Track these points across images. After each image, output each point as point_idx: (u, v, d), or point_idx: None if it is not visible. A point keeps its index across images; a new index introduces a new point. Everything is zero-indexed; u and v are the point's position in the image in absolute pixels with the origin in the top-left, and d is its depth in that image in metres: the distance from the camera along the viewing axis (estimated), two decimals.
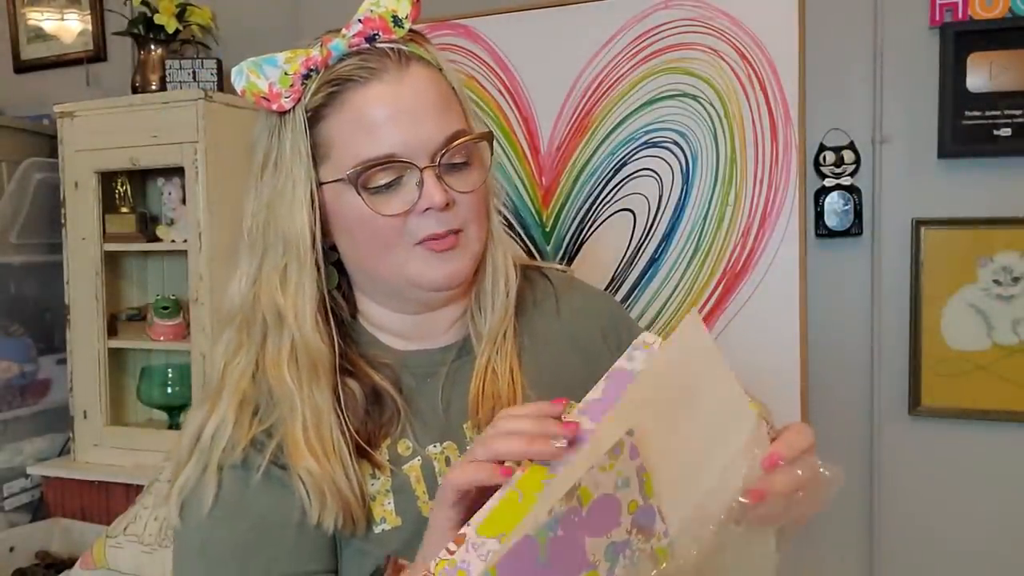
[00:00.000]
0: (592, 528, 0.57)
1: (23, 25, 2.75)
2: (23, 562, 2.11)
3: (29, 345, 2.50)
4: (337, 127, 0.73)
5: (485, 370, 0.78)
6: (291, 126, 0.73)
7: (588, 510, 0.57)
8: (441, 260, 0.74)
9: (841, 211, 1.80)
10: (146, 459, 2.18)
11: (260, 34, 2.46)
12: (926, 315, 1.76)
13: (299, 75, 0.72)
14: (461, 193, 0.74)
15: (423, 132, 0.72)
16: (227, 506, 0.72)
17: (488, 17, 2.09)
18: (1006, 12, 1.68)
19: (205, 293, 2.16)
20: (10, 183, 2.40)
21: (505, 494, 0.59)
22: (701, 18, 1.88)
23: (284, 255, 0.74)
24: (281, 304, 0.74)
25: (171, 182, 2.31)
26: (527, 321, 0.84)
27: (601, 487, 0.57)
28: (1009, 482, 1.74)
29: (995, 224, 1.71)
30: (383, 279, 0.77)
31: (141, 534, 1.60)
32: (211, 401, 0.76)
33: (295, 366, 0.73)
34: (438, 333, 0.82)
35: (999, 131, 1.70)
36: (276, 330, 0.75)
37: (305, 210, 0.73)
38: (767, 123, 1.83)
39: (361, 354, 0.78)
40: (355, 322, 0.81)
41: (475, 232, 0.76)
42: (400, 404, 0.76)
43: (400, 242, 0.73)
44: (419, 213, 0.72)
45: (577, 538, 0.57)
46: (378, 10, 0.74)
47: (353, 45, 0.74)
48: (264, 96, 0.73)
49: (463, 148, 0.74)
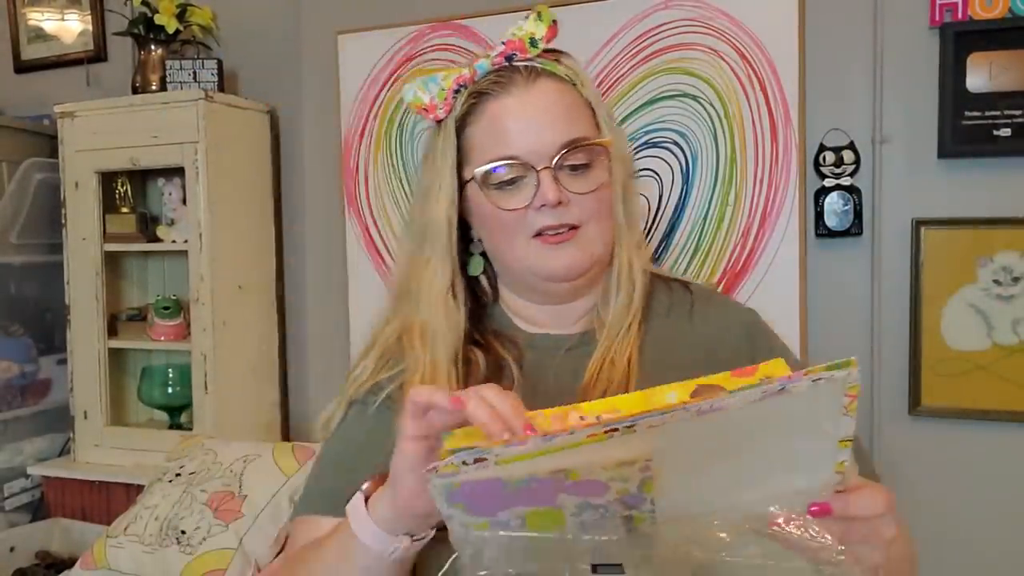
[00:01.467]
0: (571, 490, 0.58)
1: (23, 25, 2.76)
2: (23, 562, 2.12)
3: (29, 345, 2.50)
4: (476, 133, 0.85)
5: (602, 359, 0.85)
6: (443, 133, 0.87)
7: (574, 483, 0.57)
8: (555, 252, 0.83)
9: (841, 211, 1.80)
10: (146, 459, 2.18)
11: (260, 34, 2.47)
12: (926, 315, 1.76)
13: (451, 90, 0.86)
14: (577, 194, 0.83)
15: (543, 138, 0.82)
16: (343, 429, 0.90)
17: (488, 17, 2.09)
18: (1006, 12, 1.68)
19: (206, 293, 2.16)
20: (10, 183, 2.41)
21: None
22: (701, 18, 1.88)
23: (426, 242, 0.87)
24: (419, 283, 0.88)
25: (171, 182, 2.31)
26: (657, 324, 0.90)
27: (594, 475, 0.57)
28: (1009, 482, 1.74)
29: (995, 224, 1.71)
30: (512, 268, 0.88)
31: (142, 534, 1.60)
32: (364, 353, 0.92)
33: (425, 335, 0.86)
34: (567, 323, 0.90)
35: (999, 131, 1.70)
36: (415, 304, 0.88)
37: (445, 205, 0.86)
38: (767, 123, 1.83)
39: (494, 331, 0.90)
40: (495, 305, 0.93)
41: (594, 231, 0.84)
42: (517, 376, 0.86)
43: (521, 234, 0.84)
44: (535, 209, 0.82)
45: (552, 491, 0.58)
46: (520, 33, 0.87)
47: (495, 64, 0.86)
48: (425, 108, 0.87)
49: (583, 153, 0.83)
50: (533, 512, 0.60)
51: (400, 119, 2.22)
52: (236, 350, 2.26)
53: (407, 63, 2.20)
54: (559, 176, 0.82)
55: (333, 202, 2.32)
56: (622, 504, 0.60)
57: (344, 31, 2.26)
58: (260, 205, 2.36)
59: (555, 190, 0.81)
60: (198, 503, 1.60)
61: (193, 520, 1.57)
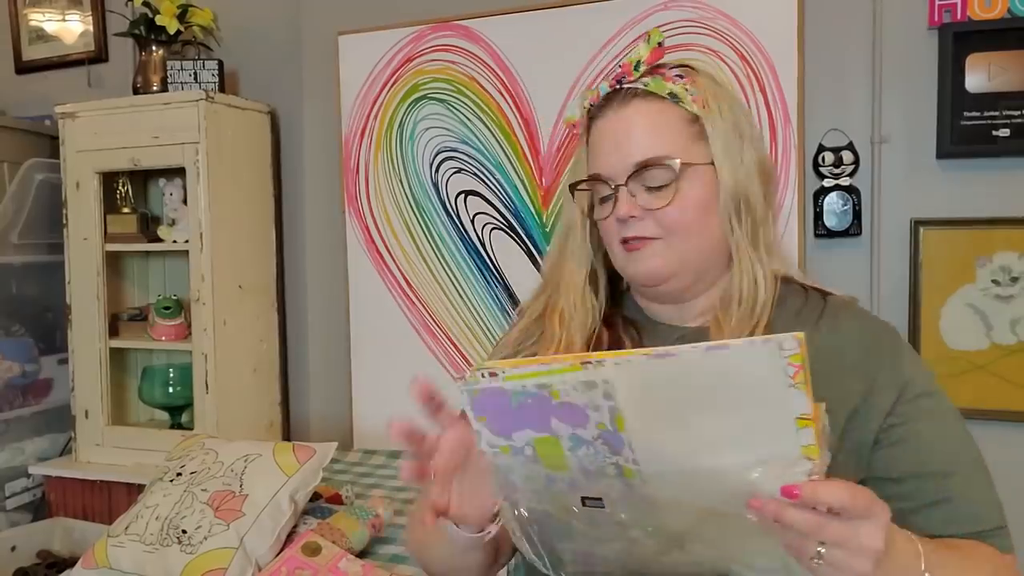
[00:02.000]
0: (559, 416, 0.67)
1: (25, 26, 2.76)
2: (25, 561, 2.12)
3: (31, 345, 2.50)
4: (588, 148, 0.97)
5: None
6: (581, 145, 0.98)
7: (558, 404, 0.66)
8: (633, 259, 0.92)
9: (840, 211, 1.80)
10: (147, 459, 2.19)
11: (261, 35, 2.47)
12: (925, 315, 1.77)
13: (586, 109, 0.97)
14: (653, 209, 0.90)
15: (623, 157, 0.91)
16: None
17: (488, 17, 2.10)
18: (1005, 12, 1.69)
19: (207, 293, 2.17)
20: (12, 184, 2.41)
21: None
22: (700, 19, 1.88)
23: (568, 238, 1.00)
24: (561, 273, 1.00)
25: (172, 183, 2.32)
26: (779, 326, 0.91)
27: (570, 396, 0.66)
28: (1008, 482, 1.74)
29: (994, 224, 1.72)
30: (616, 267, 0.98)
31: (143, 533, 1.60)
32: (513, 326, 1.05)
33: (564, 318, 0.97)
34: (687, 318, 0.97)
35: (998, 131, 1.70)
36: (556, 291, 1.00)
37: (579, 204, 0.98)
38: (766, 124, 1.84)
39: (624, 315, 1.00)
40: (628, 295, 1.03)
41: (679, 241, 0.90)
42: None
43: (615, 240, 0.94)
44: (614, 221, 0.92)
45: (545, 411, 0.67)
46: (633, 57, 0.93)
47: (611, 86, 0.94)
48: (573, 124, 0.99)
49: (659, 171, 0.89)
50: (538, 440, 0.69)
51: (400, 119, 2.22)
52: (237, 350, 2.26)
53: (407, 63, 2.20)
54: (636, 191, 0.90)
55: (333, 202, 2.33)
56: (606, 446, 0.67)
57: (344, 31, 2.27)
58: (260, 205, 2.36)
59: (627, 206, 0.90)
60: (199, 502, 1.60)
61: (194, 519, 1.58)
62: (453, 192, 2.19)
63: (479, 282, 2.18)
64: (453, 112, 2.17)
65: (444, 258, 2.21)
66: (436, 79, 2.18)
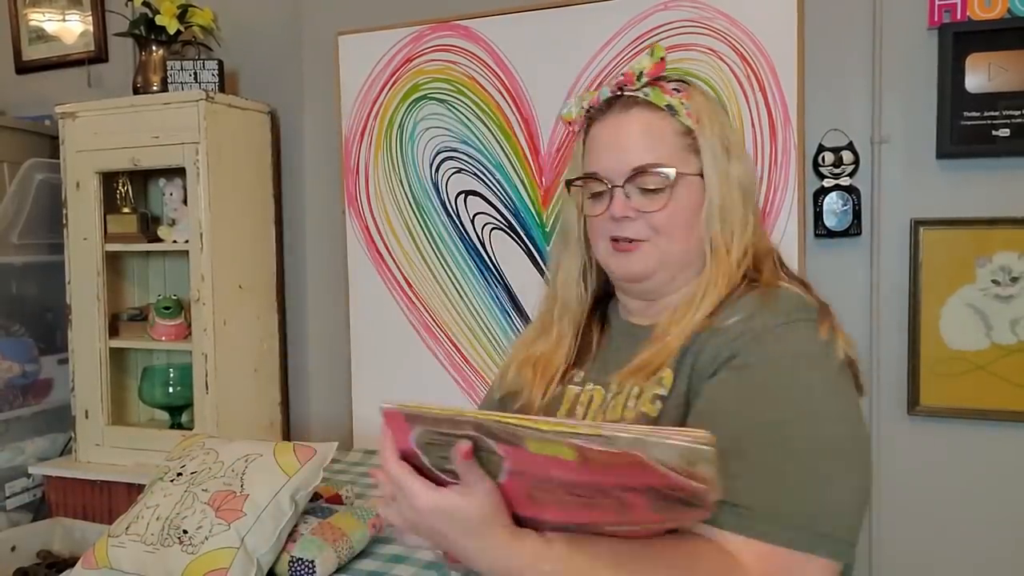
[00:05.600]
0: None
1: (25, 26, 2.76)
2: (25, 561, 2.12)
3: (31, 345, 2.50)
4: (586, 147, 1.01)
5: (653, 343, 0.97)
6: (578, 144, 1.03)
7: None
8: (618, 258, 0.97)
9: (840, 211, 1.80)
10: (147, 459, 2.19)
11: (261, 35, 2.47)
12: (925, 315, 1.77)
13: (585, 110, 1.01)
14: (645, 212, 0.94)
15: (622, 160, 0.95)
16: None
17: (488, 17, 2.10)
18: (1005, 12, 1.69)
19: (207, 293, 2.17)
20: (12, 184, 2.41)
21: None
22: (700, 19, 1.88)
23: (567, 235, 1.06)
24: (559, 268, 1.07)
25: (172, 182, 2.32)
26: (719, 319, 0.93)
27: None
28: (1008, 481, 1.75)
29: (994, 224, 1.72)
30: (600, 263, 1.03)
31: (143, 533, 1.60)
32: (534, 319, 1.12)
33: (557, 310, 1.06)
34: (649, 316, 1.02)
35: (998, 131, 1.70)
36: (555, 285, 1.08)
37: (575, 205, 1.03)
38: (766, 124, 1.84)
39: (602, 314, 1.08)
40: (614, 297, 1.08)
41: (664, 244, 0.95)
42: (595, 349, 1.05)
43: (602, 237, 0.99)
44: (607, 219, 0.96)
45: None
46: (636, 67, 0.97)
47: (612, 91, 0.99)
48: (571, 122, 1.03)
49: (654, 177, 0.94)
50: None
51: (400, 119, 2.23)
52: (237, 350, 2.26)
53: (407, 63, 2.20)
54: (631, 193, 0.95)
55: (333, 202, 2.33)
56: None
57: (344, 31, 2.27)
58: (260, 205, 2.36)
59: (621, 206, 0.94)
60: (199, 502, 1.60)
61: (195, 519, 1.58)
62: (453, 192, 2.19)
63: (479, 282, 2.18)
64: (453, 112, 2.17)
65: (444, 258, 2.21)
66: (436, 79, 2.18)
